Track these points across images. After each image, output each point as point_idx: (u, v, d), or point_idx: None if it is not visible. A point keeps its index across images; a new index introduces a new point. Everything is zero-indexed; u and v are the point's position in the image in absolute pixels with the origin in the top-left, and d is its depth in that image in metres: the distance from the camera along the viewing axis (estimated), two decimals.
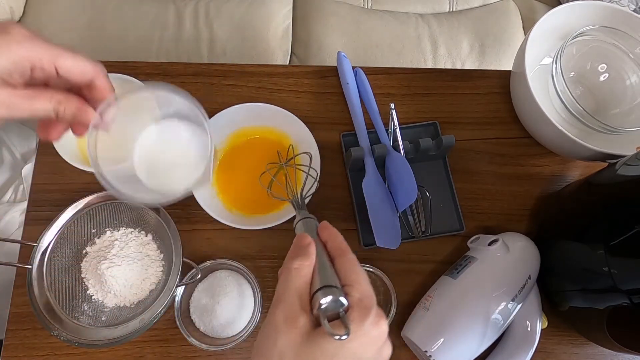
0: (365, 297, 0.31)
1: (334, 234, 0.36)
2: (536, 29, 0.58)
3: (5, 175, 0.99)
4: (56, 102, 0.33)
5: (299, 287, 0.31)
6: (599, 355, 0.57)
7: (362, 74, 0.64)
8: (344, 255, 0.34)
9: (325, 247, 0.36)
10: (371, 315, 0.30)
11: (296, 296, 0.31)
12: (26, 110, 0.32)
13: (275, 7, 1.01)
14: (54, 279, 0.50)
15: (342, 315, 0.30)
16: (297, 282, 0.31)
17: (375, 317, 0.30)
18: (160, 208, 0.52)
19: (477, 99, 0.66)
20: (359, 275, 0.32)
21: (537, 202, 0.62)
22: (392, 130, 0.59)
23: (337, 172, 0.61)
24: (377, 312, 0.30)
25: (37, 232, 0.51)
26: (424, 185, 0.60)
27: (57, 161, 0.53)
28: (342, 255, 0.34)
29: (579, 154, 0.57)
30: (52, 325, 0.48)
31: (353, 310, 0.30)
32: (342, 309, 0.30)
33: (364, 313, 0.30)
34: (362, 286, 0.31)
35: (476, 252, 0.54)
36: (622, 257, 0.43)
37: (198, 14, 0.99)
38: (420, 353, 0.51)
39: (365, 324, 0.29)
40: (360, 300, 0.31)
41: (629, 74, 0.62)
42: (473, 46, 1.03)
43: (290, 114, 0.58)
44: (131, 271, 0.51)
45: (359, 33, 1.01)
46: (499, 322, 0.50)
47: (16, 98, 0.31)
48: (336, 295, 0.30)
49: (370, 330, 0.29)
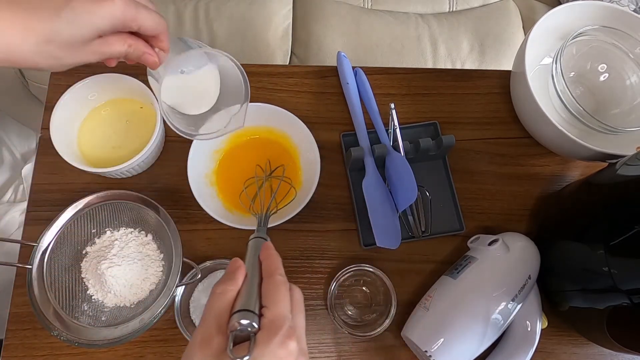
0: (277, 318, 0.32)
1: (270, 255, 0.37)
2: (536, 29, 0.58)
3: (5, 175, 0.99)
4: (128, 45, 0.38)
5: (218, 310, 0.32)
6: (599, 355, 0.57)
7: (362, 74, 0.64)
8: (271, 277, 0.35)
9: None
10: (278, 336, 0.31)
11: (214, 318, 0.32)
12: (106, 53, 0.37)
13: (275, 7, 1.01)
14: (54, 279, 0.50)
15: (252, 337, 0.31)
16: (217, 305, 0.33)
17: (283, 337, 0.31)
18: (160, 208, 0.52)
19: (477, 99, 0.66)
20: (277, 296, 0.33)
21: (537, 202, 0.62)
22: (392, 130, 0.59)
23: (337, 172, 0.61)
24: (286, 333, 0.31)
25: (37, 232, 0.51)
26: (424, 185, 0.60)
27: (57, 161, 0.53)
28: (269, 277, 0.35)
29: (579, 154, 0.57)
30: (52, 325, 0.47)
31: (262, 331, 0.31)
32: (252, 331, 0.32)
33: (272, 333, 0.31)
34: (277, 308, 0.33)
35: (476, 252, 0.54)
36: (622, 257, 0.43)
37: (198, 14, 0.99)
38: (420, 353, 0.51)
39: (271, 344, 0.30)
40: (271, 321, 0.32)
41: (629, 74, 0.62)
42: (473, 46, 1.03)
43: (290, 114, 0.58)
44: (131, 271, 0.51)
45: (359, 33, 1.01)
46: (499, 322, 0.50)
47: (100, 46, 0.36)
48: (247, 318, 0.31)
49: (276, 350, 0.30)
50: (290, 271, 0.57)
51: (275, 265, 0.36)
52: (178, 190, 0.58)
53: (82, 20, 0.33)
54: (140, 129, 0.58)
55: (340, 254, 0.58)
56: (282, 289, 0.34)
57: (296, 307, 0.35)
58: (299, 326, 0.34)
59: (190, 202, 0.54)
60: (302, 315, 0.35)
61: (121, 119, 0.59)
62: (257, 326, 0.32)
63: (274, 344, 0.30)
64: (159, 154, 0.59)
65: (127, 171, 0.55)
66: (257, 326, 0.32)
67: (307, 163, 0.58)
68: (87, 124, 0.58)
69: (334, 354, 0.55)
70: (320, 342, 0.55)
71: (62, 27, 0.33)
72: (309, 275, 0.57)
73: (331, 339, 0.55)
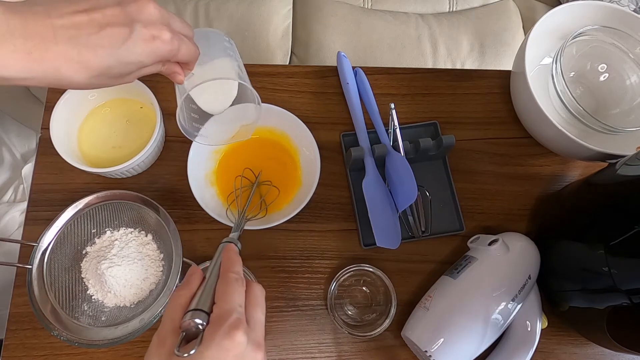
0: (223, 312, 0.33)
1: (228, 257, 0.38)
2: (536, 29, 0.58)
3: (5, 175, 0.99)
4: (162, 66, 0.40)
5: (172, 312, 0.34)
6: (599, 355, 0.57)
7: (362, 74, 0.64)
8: (223, 275, 0.36)
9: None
10: (223, 327, 0.32)
11: (169, 320, 0.34)
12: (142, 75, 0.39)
13: (275, 7, 1.01)
14: (54, 279, 0.50)
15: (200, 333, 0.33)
16: (172, 307, 0.35)
17: (228, 328, 0.32)
18: (160, 208, 0.52)
19: (477, 99, 0.66)
20: (226, 292, 0.35)
21: (537, 202, 0.62)
22: (392, 130, 0.59)
23: (337, 172, 0.61)
24: (232, 324, 0.32)
25: (37, 232, 0.51)
26: (424, 185, 0.60)
27: (57, 161, 0.53)
28: (222, 276, 0.36)
29: (579, 154, 0.57)
30: (52, 325, 0.48)
31: (209, 325, 0.33)
32: (202, 328, 0.33)
33: (217, 327, 0.32)
34: (225, 302, 0.34)
35: (476, 252, 0.54)
36: (622, 257, 0.43)
37: (198, 14, 0.99)
38: (420, 353, 0.51)
39: (216, 336, 0.31)
40: (217, 315, 0.33)
41: (629, 74, 0.62)
42: (473, 46, 1.03)
43: (290, 114, 0.58)
44: (131, 271, 0.51)
45: (359, 33, 1.01)
46: (499, 322, 0.50)
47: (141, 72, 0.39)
48: (197, 316, 0.33)
49: (221, 341, 0.31)
50: (290, 271, 0.57)
51: (230, 265, 0.37)
52: (178, 190, 0.58)
53: (134, 59, 0.36)
54: (140, 129, 0.58)
55: (340, 254, 0.58)
56: (233, 285, 0.35)
57: (252, 301, 0.36)
58: (253, 319, 0.35)
59: (190, 202, 0.54)
60: (259, 309, 0.36)
61: (121, 119, 0.59)
62: (204, 324, 0.33)
63: (218, 335, 0.31)
64: (159, 154, 0.59)
65: (127, 171, 0.55)
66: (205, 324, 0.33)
67: (307, 163, 0.58)
68: (87, 124, 0.58)
69: (334, 354, 0.55)
70: (320, 342, 0.55)
71: (115, 65, 0.35)
72: (309, 275, 0.57)
73: (331, 339, 0.55)
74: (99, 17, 0.33)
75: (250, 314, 0.35)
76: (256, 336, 0.34)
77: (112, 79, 0.36)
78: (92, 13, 0.33)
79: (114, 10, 0.34)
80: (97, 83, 0.36)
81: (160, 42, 0.36)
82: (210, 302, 0.35)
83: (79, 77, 0.34)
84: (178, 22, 0.39)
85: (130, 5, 0.35)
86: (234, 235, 0.44)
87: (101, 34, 0.33)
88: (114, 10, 0.34)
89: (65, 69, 0.33)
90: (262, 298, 0.37)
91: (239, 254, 0.39)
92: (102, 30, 0.33)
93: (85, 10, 0.33)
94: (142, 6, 0.35)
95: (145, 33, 0.35)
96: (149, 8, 0.36)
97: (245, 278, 0.37)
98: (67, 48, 0.32)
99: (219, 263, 0.38)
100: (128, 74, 0.37)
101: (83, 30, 0.33)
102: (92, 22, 0.33)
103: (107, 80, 0.36)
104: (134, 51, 0.35)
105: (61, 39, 0.32)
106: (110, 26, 0.34)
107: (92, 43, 0.33)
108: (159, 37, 0.36)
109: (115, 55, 0.34)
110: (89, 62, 0.34)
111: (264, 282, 0.56)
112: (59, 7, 0.33)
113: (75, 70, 0.33)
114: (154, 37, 0.36)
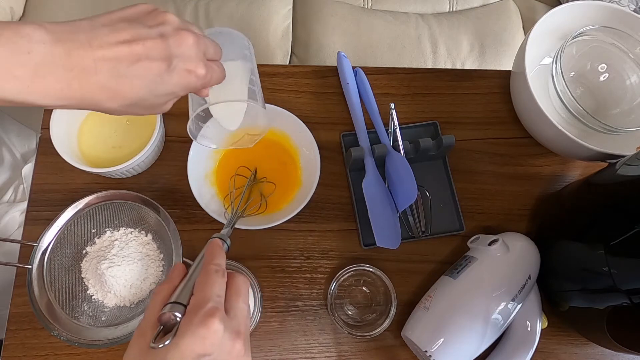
0: (198, 302, 0.33)
1: (211, 251, 0.39)
2: (536, 29, 0.58)
3: (5, 175, 0.99)
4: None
5: (152, 307, 0.35)
6: (599, 355, 0.57)
7: (362, 74, 0.64)
8: (203, 268, 0.37)
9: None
10: (198, 316, 0.32)
11: (149, 315, 0.35)
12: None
13: (275, 7, 1.01)
14: (54, 279, 0.50)
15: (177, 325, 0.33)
16: (153, 302, 0.35)
17: (203, 316, 0.32)
18: (160, 208, 0.52)
19: (477, 99, 0.66)
20: (204, 282, 0.35)
21: (537, 202, 0.62)
22: (392, 130, 0.59)
23: (337, 172, 0.61)
24: (207, 312, 0.32)
25: (37, 232, 0.51)
26: (424, 185, 0.60)
27: (57, 161, 0.53)
28: (202, 268, 0.37)
29: (579, 154, 0.57)
30: (52, 325, 0.48)
31: (185, 316, 0.33)
32: (180, 320, 0.33)
33: (192, 316, 0.32)
34: (201, 292, 0.34)
35: (476, 252, 0.54)
36: (622, 257, 0.43)
37: (198, 14, 0.99)
38: (420, 353, 0.51)
39: (192, 325, 0.32)
40: (193, 305, 0.33)
41: (629, 74, 0.62)
42: (473, 46, 1.03)
43: (290, 114, 0.58)
44: (131, 271, 0.51)
45: (359, 33, 1.01)
46: (499, 322, 0.50)
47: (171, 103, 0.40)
48: (175, 309, 0.34)
49: (195, 330, 0.32)
50: (290, 271, 0.57)
51: (211, 258, 0.37)
52: (178, 190, 0.58)
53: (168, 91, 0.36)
54: (140, 129, 0.58)
55: (340, 254, 0.58)
56: (212, 276, 0.35)
57: (234, 292, 0.36)
58: (234, 308, 0.35)
59: (190, 202, 0.54)
60: (240, 299, 0.36)
61: (121, 119, 0.58)
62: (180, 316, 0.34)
63: (193, 324, 0.32)
64: (159, 154, 0.59)
65: (127, 171, 0.55)
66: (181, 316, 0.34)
67: (307, 163, 0.58)
68: (87, 124, 0.58)
69: (334, 354, 0.55)
70: (320, 342, 0.55)
71: (149, 97, 0.36)
72: (309, 275, 0.57)
73: (331, 339, 0.55)
74: (139, 49, 0.34)
75: (230, 303, 0.35)
76: (235, 325, 0.34)
77: (144, 109, 0.37)
78: (133, 44, 0.33)
79: (154, 42, 0.34)
80: (130, 111, 0.36)
81: (194, 77, 0.37)
82: (189, 295, 0.35)
83: (112, 105, 0.35)
84: (212, 49, 0.40)
85: (172, 38, 0.35)
86: (224, 232, 0.44)
87: (139, 66, 0.34)
88: (154, 42, 0.34)
89: (100, 97, 0.34)
90: (245, 289, 0.37)
91: (222, 248, 0.39)
92: (140, 63, 0.34)
93: (126, 41, 0.33)
94: (182, 40, 0.36)
95: (181, 67, 0.36)
96: (188, 41, 0.36)
97: (228, 270, 0.37)
98: (106, 78, 0.33)
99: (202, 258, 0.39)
100: (160, 105, 0.38)
101: (122, 62, 0.33)
102: (131, 54, 0.33)
103: (140, 110, 0.37)
104: (168, 84, 0.36)
105: (101, 69, 0.32)
106: (149, 59, 0.34)
107: (129, 74, 0.34)
108: (194, 72, 0.37)
109: (150, 87, 0.35)
110: (125, 93, 0.34)
111: (264, 282, 0.56)
112: (101, 36, 0.33)
113: (109, 98, 0.34)
114: (189, 72, 0.36)
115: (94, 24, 0.33)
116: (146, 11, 0.36)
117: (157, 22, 0.35)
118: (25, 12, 0.97)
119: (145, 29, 0.34)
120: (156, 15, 0.36)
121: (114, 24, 0.34)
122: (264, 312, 0.55)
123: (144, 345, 0.33)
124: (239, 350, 0.33)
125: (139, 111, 0.37)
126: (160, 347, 0.31)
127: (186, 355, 0.31)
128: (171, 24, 0.36)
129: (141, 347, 0.33)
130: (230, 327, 0.33)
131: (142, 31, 0.34)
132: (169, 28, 0.36)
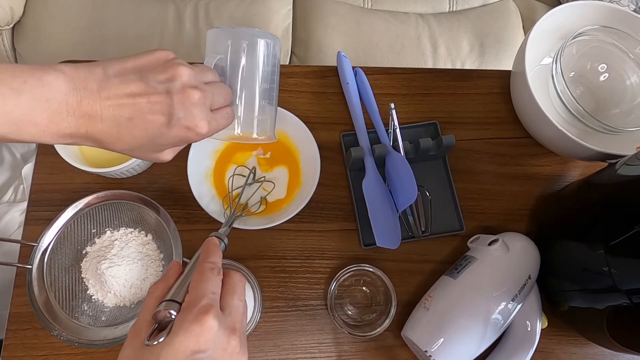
0: (194, 299, 0.34)
1: (206, 249, 0.39)
2: (536, 29, 0.58)
3: (5, 175, 0.99)
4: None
5: (148, 304, 0.35)
6: (599, 355, 0.57)
7: (362, 74, 0.64)
8: (198, 265, 0.37)
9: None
10: (191, 313, 0.32)
11: (145, 312, 0.35)
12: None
13: (275, 7, 1.01)
14: (54, 279, 0.50)
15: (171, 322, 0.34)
16: (148, 300, 0.36)
17: (197, 313, 0.32)
18: (160, 208, 0.52)
19: (477, 99, 0.66)
20: (199, 280, 0.35)
21: (537, 202, 0.62)
22: (392, 130, 0.59)
23: (337, 172, 0.61)
24: (201, 309, 0.32)
25: (37, 232, 0.51)
26: (424, 185, 0.60)
27: (57, 161, 0.53)
28: (197, 266, 0.37)
29: (579, 154, 0.57)
30: (52, 325, 0.48)
31: (179, 314, 0.33)
32: (174, 318, 0.34)
33: (186, 313, 0.33)
34: (195, 290, 0.34)
35: (476, 252, 0.54)
36: (622, 257, 0.43)
37: (198, 14, 0.99)
38: (420, 353, 0.51)
39: (185, 322, 0.32)
40: (188, 302, 0.34)
41: (629, 74, 0.62)
42: (473, 46, 1.03)
43: (290, 114, 0.58)
44: (131, 271, 0.51)
45: (359, 33, 1.01)
46: (499, 322, 0.50)
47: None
48: (169, 307, 0.34)
49: (189, 326, 0.32)
50: (290, 271, 0.57)
51: (206, 256, 0.38)
52: (178, 190, 0.58)
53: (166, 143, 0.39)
54: None
55: (340, 254, 0.58)
56: (207, 274, 0.36)
57: (229, 289, 0.36)
58: (229, 305, 0.35)
59: (190, 202, 0.54)
60: (235, 296, 0.36)
61: None
62: (175, 313, 0.34)
63: (187, 321, 0.32)
64: None
65: (127, 171, 0.55)
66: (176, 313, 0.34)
67: (307, 163, 0.58)
68: None
69: (334, 354, 0.55)
70: (320, 342, 0.55)
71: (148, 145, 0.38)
72: (309, 275, 0.57)
73: (331, 339, 0.55)
74: (143, 103, 0.35)
75: (225, 300, 0.35)
76: (230, 321, 0.34)
77: (146, 153, 0.39)
78: (138, 98, 0.35)
79: (159, 97, 0.36)
80: (133, 154, 0.39)
81: (194, 133, 0.38)
82: (185, 293, 0.35)
83: (115, 148, 0.37)
84: (221, 98, 0.41)
85: (177, 95, 0.37)
86: (221, 231, 0.44)
87: (140, 119, 0.36)
88: (159, 97, 0.36)
89: (105, 140, 0.36)
90: (241, 286, 0.37)
91: (218, 246, 0.40)
92: (142, 116, 0.36)
93: (132, 94, 0.35)
94: (187, 97, 0.37)
95: (182, 124, 0.37)
96: (193, 99, 0.37)
97: (224, 268, 0.38)
98: (109, 126, 0.35)
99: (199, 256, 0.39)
100: (160, 152, 0.40)
101: (125, 113, 0.35)
102: (135, 107, 0.35)
103: (142, 154, 0.39)
104: (167, 137, 0.37)
105: (106, 118, 0.35)
106: (152, 113, 0.36)
107: (130, 125, 0.36)
108: (194, 130, 0.38)
109: (149, 138, 0.37)
110: (125, 140, 0.36)
111: (264, 282, 0.56)
112: (110, 87, 0.35)
113: (112, 142, 0.36)
114: (188, 129, 0.38)
115: (106, 72, 0.35)
116: (162, 60, 0.38)
117: (168, 75, 0.37)
118: (25, 12, 0.97)
119: (153, 84, 0.36)
120: (169, 68, 0.37)
121: (124, 75, 0.36)
122: (264, 312, 0.55)
123: (139, 343, 0.33)
124: (234, 347, 0.33)
125: (140, 155, 0.39)
126: (154, 344, 0.32)
127: (180, 352, 0.31)
128: (180, 79, 0.37)
129: (136, 345, 0.33)
130: (225, 324, 0.33)
131: (150, 85, 0.36)
132: (178, 84, 0.37)
